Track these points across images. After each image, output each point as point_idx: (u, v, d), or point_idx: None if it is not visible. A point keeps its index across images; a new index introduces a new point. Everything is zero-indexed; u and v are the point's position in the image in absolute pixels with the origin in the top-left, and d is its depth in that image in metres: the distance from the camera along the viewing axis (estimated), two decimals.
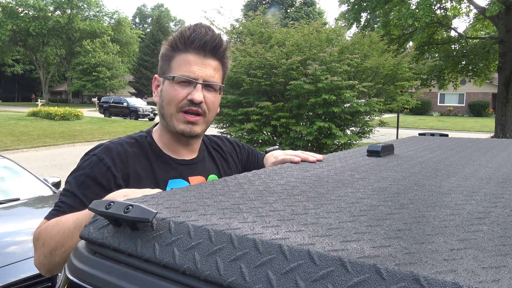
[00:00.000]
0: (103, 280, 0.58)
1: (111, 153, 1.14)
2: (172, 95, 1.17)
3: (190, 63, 1.16)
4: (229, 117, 10.28)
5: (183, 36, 1.17)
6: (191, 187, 0.82)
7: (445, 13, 14.89)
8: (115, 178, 1.10)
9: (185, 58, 1.17)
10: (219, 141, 1.45)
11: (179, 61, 1.17)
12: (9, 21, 43.93)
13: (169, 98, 1.17)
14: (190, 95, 1.16)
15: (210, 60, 1.19)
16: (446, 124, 27.17)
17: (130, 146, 1.19)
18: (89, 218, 0.91)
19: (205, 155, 1.35)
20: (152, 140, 1.24)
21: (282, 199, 0.71)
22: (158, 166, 1.19)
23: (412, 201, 0.70)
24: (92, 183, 1.09)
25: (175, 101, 1.17)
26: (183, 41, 1.17)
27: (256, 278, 0.47)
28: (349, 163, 1.12)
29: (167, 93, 1.18)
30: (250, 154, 1.50)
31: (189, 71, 1.16)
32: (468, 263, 0.43)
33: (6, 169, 4.34)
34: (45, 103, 39.93)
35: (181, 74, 1.16)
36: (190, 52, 1.17)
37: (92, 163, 1.12)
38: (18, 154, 13.33)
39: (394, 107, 11.39)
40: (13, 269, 2.68)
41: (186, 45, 1.17)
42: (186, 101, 1.16)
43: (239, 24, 13.55)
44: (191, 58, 1.17)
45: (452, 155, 1.33)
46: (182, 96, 1.16)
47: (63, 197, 1.09)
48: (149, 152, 1.21)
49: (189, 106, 1.17)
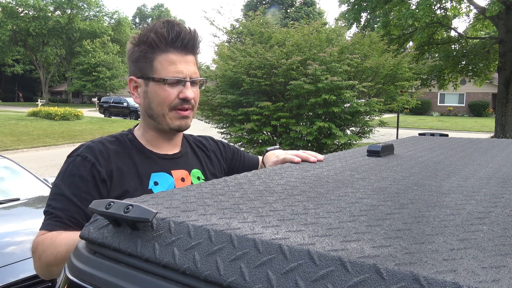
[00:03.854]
0: (103, 280, 0.58)
1: (93, 151, 1.16)
2: (164, 96, 1.19)
3: (175, 63, 1.18)
4: (229, 117, 10.28)
5: (162, 36, 1.17)
6: (191, 187, 0.82)
7: (445, 13, 14.88)
8: (99, 173, 1.13)
9: (168, 58, 1.18)
10: (203, 139, 1.49)
11: (162, 62, 1.18)
12: (9, 21, 43.91)
13: (160, 99, 1.19)
14: (181, 93, 1.19)
15: (189, 57, 1.22)
16: (446, 124, 27.16)
17: (111, 143, 1.22)
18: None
19: (188, 150, 1.37)
20: (133, 137, 1.27)
21: (282, 199, 0.71)
22: (140, 160, 1.22)
23: (412, 201, 0.70)
24: (80, 181, 1.11)
25: (167, 102, 1.19)
26: (163, 40, 1.17)
27: (256, 278, 0.47)
28: (349, 163, 1.12)
29: (156, 94, 1.19)
30: (236, 154, 1.53)
31: (177, 72, 1.18)
32: (468, 263, 0.43)
33: (6, 169, 4.34)
34: (45, 103, 39.93)
35: (171, 76, 1.18)
36: (171, 51, 1.18)
37: (78, 163, 1.14)
38: (18, 154, 13.33)
39: (394, 107, 11.39)
40: (13, 269, 2.68)
41: (167, 43, 1.18)
42: (178, 100, 1.20)
43: (239, 24, 13.56)
44: (173, 57, 1.18)
45: (452, 155, 1.33)
46: (174, 96, 1.19)
47: (53, 202, 1.11)
48: (131, 148, 1.24)
49: (181, 105, 1.21)
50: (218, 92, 10.72)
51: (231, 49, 11.27)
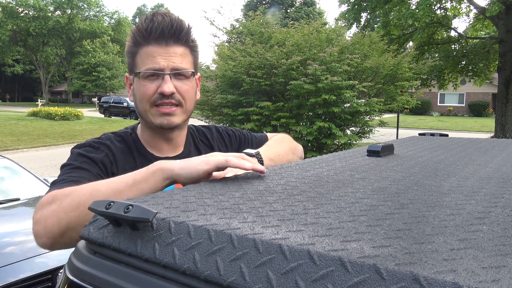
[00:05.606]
0: (103, 280, 0.58)
1: (104, 145, 1.14)
2: (142, 91, 1.13)
3: (153, 55, 1.11)
4: (229, 117, 10.29)
5: (140, 29, 1.12)
6: (191, 187, 0.82)
7: (445, 13, 14.88)
8: (111, 165, 1.11)
9: (147, 51, 1.12)
10: (208, 132, 1.39)
11: (142, 56, 1.13)
12: (9, 21, 43.93)
13: (140, 94, 1.14)
14: (160, 88, 1.12)
15: (174, 48, 1.13)
16: (446, 124, 27.17)
17: (118, 142, 1.18)
18: (147, 176, 0.92)
19: (191, 149, 1.30)
20: (136, 137, 1.23)
21: (282, 199, 0.71)
22: (141, 164, 1.16)
23: (412, 201, 0.70)
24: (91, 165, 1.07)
25: (146, 97, 1.13)
26: (141, 34, 1.12)
27: (256, 278, 0.47)
28: (349, 163, 1.12)
29: (137, 90, 1.15)
30: (243, 141, 1.43)
31: (153, 63, 1.11)
32: (468, 263, 0.43)
33: (6, 169, 4.34)
34: (45, 103, 39.94)
35: (146, 68, 1.11)
36: (151, 43, 1.12)
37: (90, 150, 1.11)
38: (18, 154, 13.33)
39: (394, 107, 11.40)
40: (13, 269, 2.68)
41: (145, 37, 1.12)
42: (157, 95, 1.12)
43: (239, 24, 13.56)
44: (153, 49, 1.12)
45: (452, 155, 1.33)
46: (152, 90, 1.12)
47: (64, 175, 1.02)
48: (134, 148, 1.20)
49: (161, 100, 1.13)
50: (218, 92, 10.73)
51: (231, 49, 11.28)
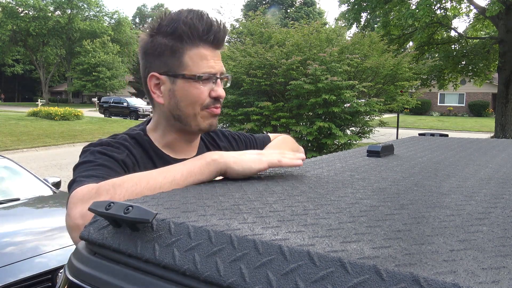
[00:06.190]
0: (103, 281, 0.58)
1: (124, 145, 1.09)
2: (196, 95, 1.08)
3: (207, 58, 1.07)
4: (229, 117, 10.29)
5: (194, 28, 1.06)
6: (191, 188, 0.82)
7: (445, 13, 14.88)
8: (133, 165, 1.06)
9: (199, 53, 1.07)
10: (216, 136, 1.39)
11: (193, 57, 1.06)
12: (9, 21, 43.92)
13: (193, 98, 1.08)
14: (213, 92, 1.09)
15: (218, 51, 1.12)
16: (446, 124, 27.17)
17: (135, 143, 1.13)
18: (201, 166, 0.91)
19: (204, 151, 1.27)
20: (149, 138, 1.18)
21: (282, 199, 0.71)
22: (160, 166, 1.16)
23: (412, 201, 0.70)
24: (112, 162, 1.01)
25: (200, 101, 1.08)
26: (195, 34, 1.06)
27: (256, 279, 0.47)
28: (349, 164, 1.12)
29: (187, 92, 1.08)
30: (248, 145, 1.42)
31: (209, 67, 1.07)
32: (468, 264, 0.43)
33: (6, 169, 4.34)
34: (45, 103, 39.93)
35: (202, 72, 1.07)
36: (201, 45, 1.07)
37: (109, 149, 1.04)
38: (18, 154, 13.33)
39: (394, 107, 11.40)
40: (13, 269, 2.68)
41: (199, 37, 1.06)
42: (210, 99, 1.09)
43: (239, 24, 13.57)
44: (205, 52, 1.07)
45: (452, 155, 1.33)
46: (206, 94, 1.09)
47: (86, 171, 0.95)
48: (150, 150, 1.16)
49: (214, 104, 1.11)
50: None
51: (231, 49, 11.28)
